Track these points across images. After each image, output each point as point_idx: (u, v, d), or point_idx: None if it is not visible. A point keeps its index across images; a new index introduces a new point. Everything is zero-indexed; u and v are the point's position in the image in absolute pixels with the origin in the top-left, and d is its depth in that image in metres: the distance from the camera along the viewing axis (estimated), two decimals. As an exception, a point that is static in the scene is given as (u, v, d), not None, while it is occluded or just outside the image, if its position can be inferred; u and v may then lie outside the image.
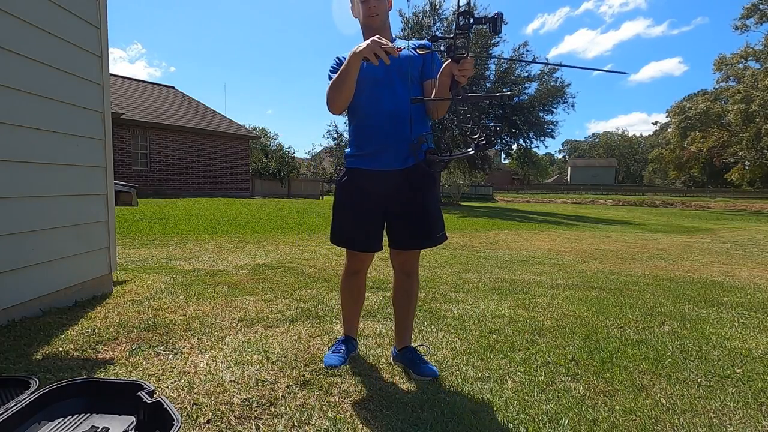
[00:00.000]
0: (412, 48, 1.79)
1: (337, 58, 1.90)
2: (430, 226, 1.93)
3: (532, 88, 23.81)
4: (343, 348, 2.10)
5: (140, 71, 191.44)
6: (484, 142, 1.53)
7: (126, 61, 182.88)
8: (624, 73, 1.79)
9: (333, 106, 1.81)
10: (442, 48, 1.53)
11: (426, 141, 1.73)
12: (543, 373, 2.01)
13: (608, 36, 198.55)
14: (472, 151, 1.56)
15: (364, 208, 1.93)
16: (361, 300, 2.22)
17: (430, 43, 1.83)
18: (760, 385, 1.95)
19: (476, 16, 1.43)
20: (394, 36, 1.95)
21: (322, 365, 2.00)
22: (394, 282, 2.09)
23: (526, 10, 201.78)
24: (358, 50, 1.63)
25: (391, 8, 1.91)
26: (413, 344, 2.13)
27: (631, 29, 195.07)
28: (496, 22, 1.40)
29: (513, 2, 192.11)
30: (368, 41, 1.59)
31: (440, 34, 1.50)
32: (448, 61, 1.57)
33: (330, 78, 1.82)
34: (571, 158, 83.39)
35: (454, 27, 1.46)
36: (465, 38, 1.49)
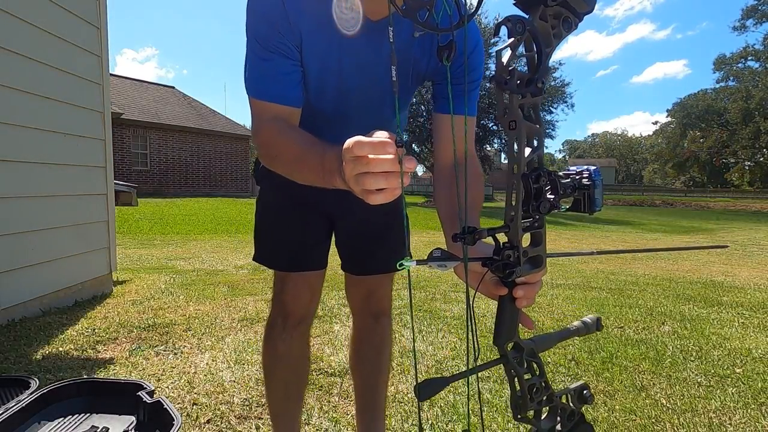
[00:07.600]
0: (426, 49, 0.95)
1: (256, 42, 0.86)
2: (396, 241, 1.14)
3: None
4: None
5: (149, 72, 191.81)
6: None
7: (137, 62, 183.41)
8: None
9: (268, 165, 0.93)
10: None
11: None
12: (543, 373, 2.01)
13: (613, 39, 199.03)
14: None
15: (304, 205, 1.12)
16: (305, 377, 1.26)
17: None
18: (760, 385, 1.95)
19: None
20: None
21: (322, 365, 2.00)
22: (351, 333, 1.33)
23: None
24: (343, 175, 0.62)
25: None
26: None
27: (635, 32, 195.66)
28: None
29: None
30: (352, 164, 0.57)
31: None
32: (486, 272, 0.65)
33: (253, 71, 0.89)
34: (571, 158, 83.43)
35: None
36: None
